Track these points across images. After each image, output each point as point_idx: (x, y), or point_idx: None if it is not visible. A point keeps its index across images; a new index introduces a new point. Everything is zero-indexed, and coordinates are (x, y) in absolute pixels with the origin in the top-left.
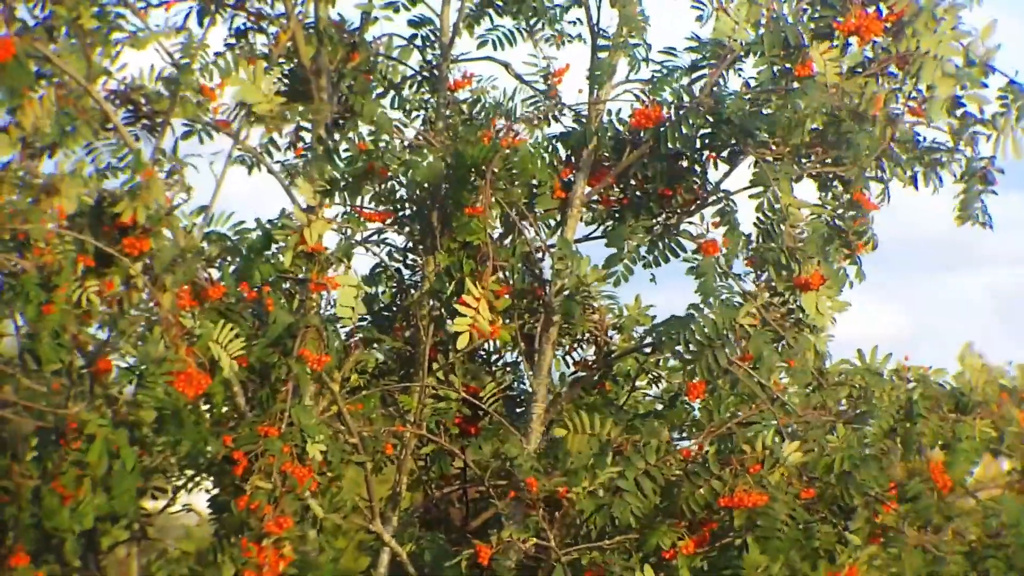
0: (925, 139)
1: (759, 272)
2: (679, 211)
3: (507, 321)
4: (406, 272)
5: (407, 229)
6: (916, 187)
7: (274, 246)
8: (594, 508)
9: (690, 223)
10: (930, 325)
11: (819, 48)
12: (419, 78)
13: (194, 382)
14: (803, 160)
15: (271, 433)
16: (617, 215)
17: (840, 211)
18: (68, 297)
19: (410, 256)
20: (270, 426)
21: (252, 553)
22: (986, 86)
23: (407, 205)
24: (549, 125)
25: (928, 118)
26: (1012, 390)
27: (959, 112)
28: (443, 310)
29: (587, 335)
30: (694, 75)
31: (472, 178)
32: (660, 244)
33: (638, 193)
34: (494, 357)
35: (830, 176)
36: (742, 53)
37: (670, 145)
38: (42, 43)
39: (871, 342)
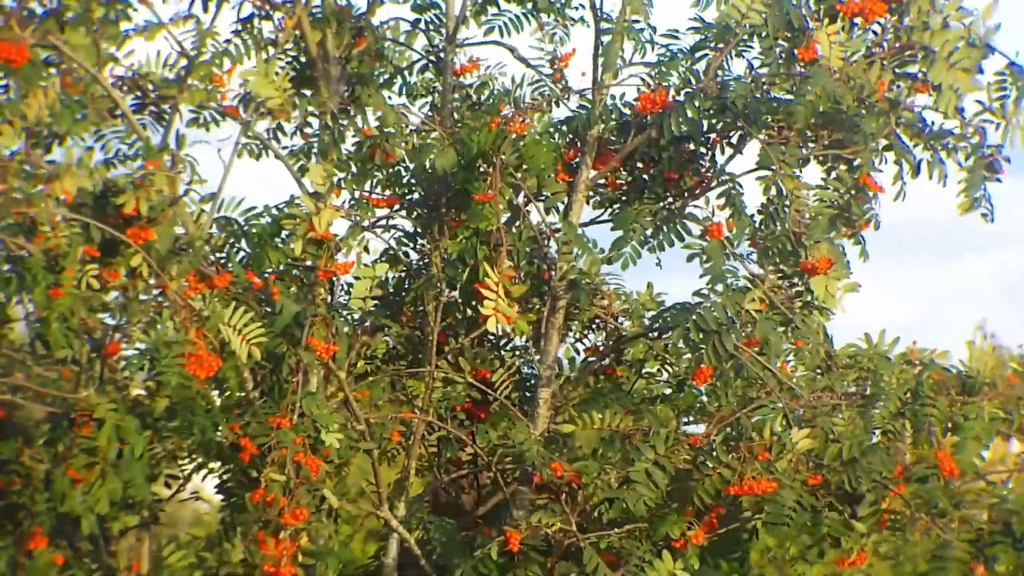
0: (932, 124)
1: (766, 256)
2: (685, 194)
3: (522, 310)
4: (414, 257)
5: (415, 214)
6: (917, 174)
7: (284, 233)
8: (605, 497)
9: (695, 206)
10: (938, 311)
11: (826, 30)
12: (426, 63)
13: (205, 364)
14: (809, 143)
15: (283, 424)
16: (623, 198)
17: (846, 194)
18: (76, 281)
19: (418, 241)
20: (282, 417)
21: (270, 547)
22: (982, 71)
23: (414, 190)
24: (551, 111)
25: (936, 107)
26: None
27: (962, 100)
28: (458, 295)
29: (596, 321)
30: (696, 55)
31: (481, 165)
32: (665, 227)
33: (644, 176)
34: (503, 341)
35: (836, 158)
36: (745, 36)
37: (673, 130)
38: (53, 34)
39: (879, 328)
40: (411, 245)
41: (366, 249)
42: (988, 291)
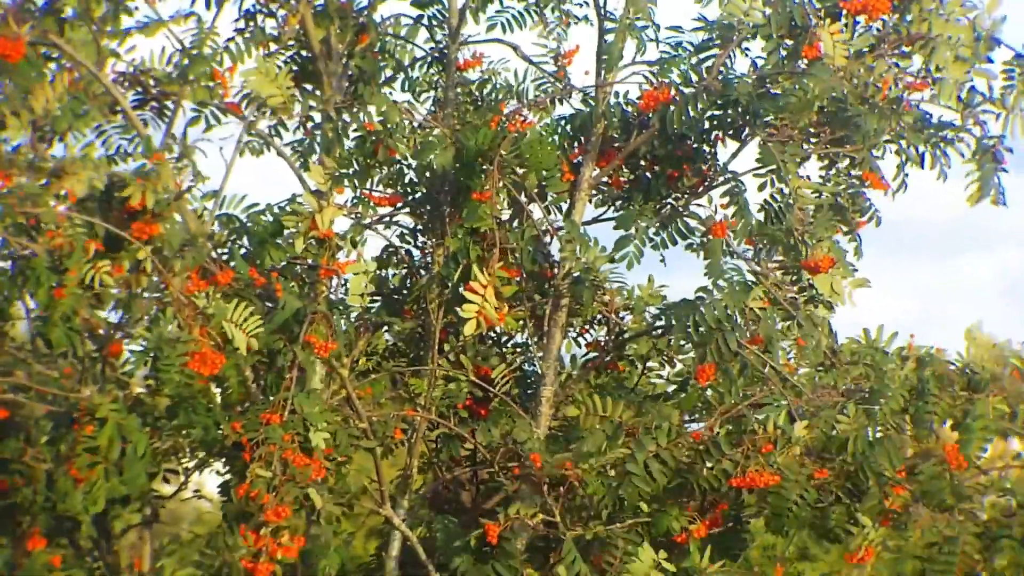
0: (931, 117)
1: (767, 251)
2: (687, 192)
3: (515, 305)
4: (416, 254)
5: (417, 211)
6: (923, 166)
7: (285, 231)
8: (604, 489)
9: (699, 205)
10: (937, 309)
11: (828, 28)
12: (429, 59)
13: (209, 362)
14: (811, 140)
15: (273, 420)
16: (626, 197)
17: (847, 189)
18: (80, 280)
19: (420, 238)
20: (273, 413)
21: (250, 541)
22: (991, 61)
23: (416, 188)
24: (554, 107)
25: (938, 100)
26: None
27: (967, 89)
28: (451, 295)
29: (598, 317)
30: (701, 55)
31: (481, 163)
32: (669, 226)
33: (647, 175)
34: (504, 338)
35: (838, 155)
36: (749, 35)
37: (676, 127)
38: (52, 31)
39: (878, 326)
40: (413, 243)
41: (354, 245)
42: (989, 291)
